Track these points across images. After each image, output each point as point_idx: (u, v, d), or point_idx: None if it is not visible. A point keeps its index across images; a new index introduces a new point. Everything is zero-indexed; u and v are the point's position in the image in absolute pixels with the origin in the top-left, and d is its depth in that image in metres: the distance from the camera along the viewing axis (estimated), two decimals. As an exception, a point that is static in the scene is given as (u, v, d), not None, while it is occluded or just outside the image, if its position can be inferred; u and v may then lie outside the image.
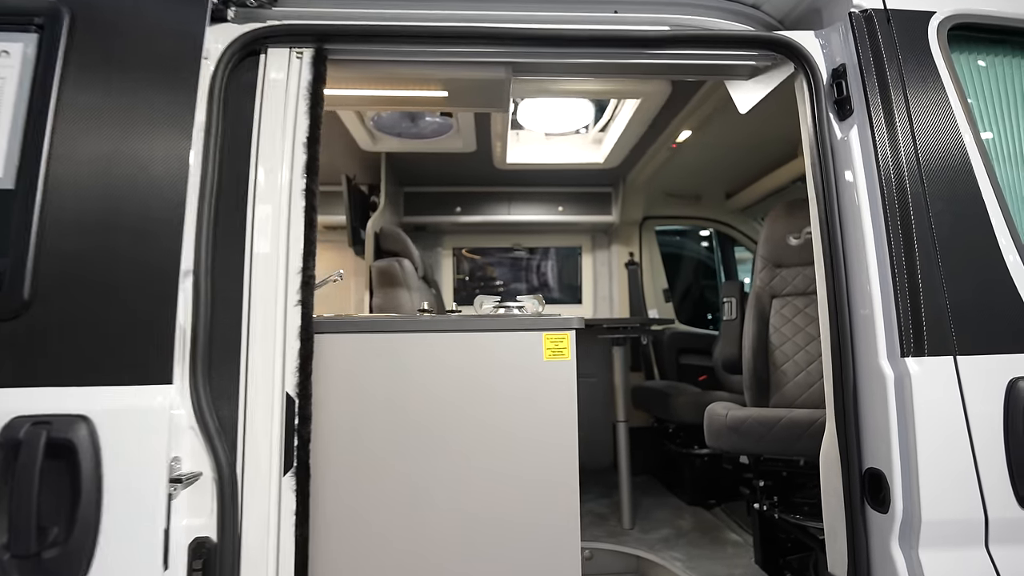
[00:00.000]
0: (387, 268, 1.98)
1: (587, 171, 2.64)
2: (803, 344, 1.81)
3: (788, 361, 1.81)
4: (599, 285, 3.17)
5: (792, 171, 2.23)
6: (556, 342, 1.01)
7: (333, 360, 1.00)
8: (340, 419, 0.98)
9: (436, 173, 2.69)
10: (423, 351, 1.00)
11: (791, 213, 1.95)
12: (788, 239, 1.95)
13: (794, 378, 1.78)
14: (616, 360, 2.12)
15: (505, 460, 1.00)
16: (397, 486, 0.98)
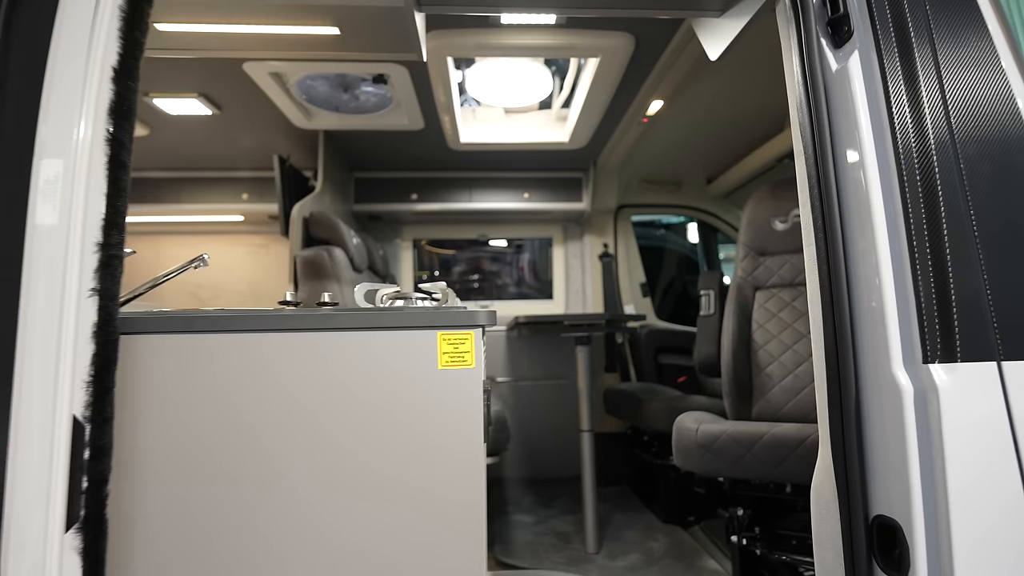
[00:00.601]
0: (313, 258, 1.71)
1: (553, 153, 2.38)
2: (790, 342, 1.57)
3: (773, 362, 1.57)
4: (571, 279, 2.93)
5: (778, 147, 1.99)
6: (455, 344, 0.76)
7: (147, 370, 0.73)
8: (155, 451, 0.72)
9: (387, 156, 2.42)
10: (273, 355, 0.74)
11: (777, 194, 1.72)
12: (773, 223, 1.71)
13: (780, 382, 1.55)
14: (580, 361, 1.87)
15: (386, 510, 0.74)
16: (235, 542, 0.72)
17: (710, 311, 1.76)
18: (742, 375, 1.58)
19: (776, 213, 1.71)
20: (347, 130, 2.10)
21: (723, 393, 1.61)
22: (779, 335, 1.60)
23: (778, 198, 1.72)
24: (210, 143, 2.26)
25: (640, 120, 1.95)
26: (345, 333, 0.75)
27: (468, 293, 3.00)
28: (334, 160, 2.28)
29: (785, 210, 1.70)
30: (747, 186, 2.46)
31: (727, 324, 1.65)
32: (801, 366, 1.53)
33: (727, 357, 1.60)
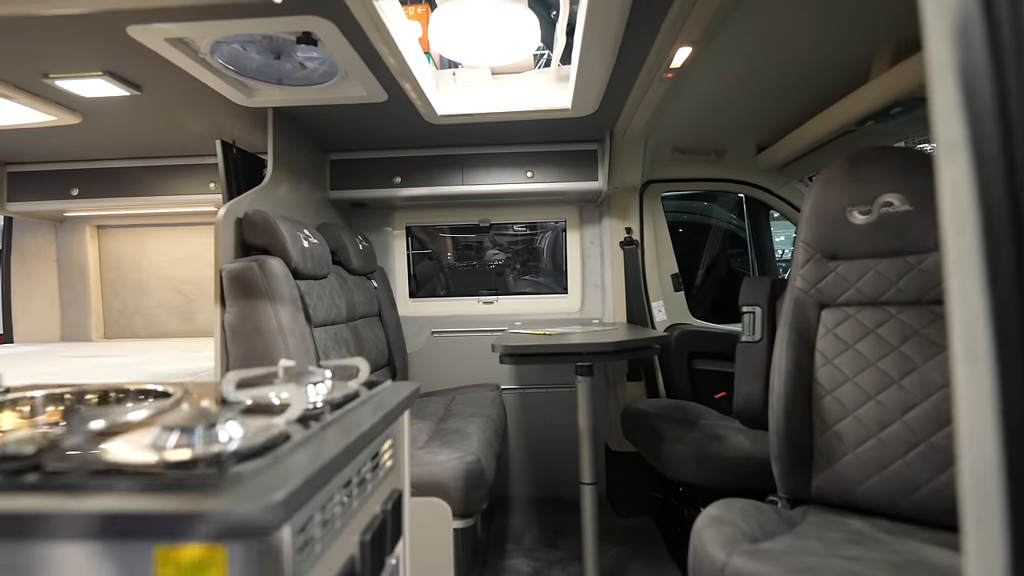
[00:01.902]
0: (240, 273, 1.38)
1: (558, 123, 1.92)
2: (874, 389, 1.11)
3: (846, 418, 1.12)
4: (589, 270, 2.49)
5: (858, 106, 1.44)
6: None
7: None
8: None
9: (359, 134, 2.04)
10: None
11: (856, 173, 1.21)
12: (850, 214, 1.22)
13: (856, 448, 1.10)
14: (580, 395, 1.47)
15: None
16: None
17: (755, 336, 1.30)
18: (798, 433, 1.14)
19: (855, 200, 1.20)
20: (300, 106, 1.73)
21: (771, 458, 1.17)
22: (856, 377, 1.14)
23: (858, 179, 1.21)
24: (151, 129, 1.96)
25: (664, 75, 1.45)
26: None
27: (468, 288, 2.63)
28: (296, 142, 1.93)
29: (869, 196, 1.19)
30: (809, 157, 1.90)
31: (779, 356, 1.20)
32: (890, 427, 1.07)
33: (778, 405, 1.16)
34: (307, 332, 1.46)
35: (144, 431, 0.52)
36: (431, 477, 1.35)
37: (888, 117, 1.36)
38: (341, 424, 0.63)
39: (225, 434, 0.52)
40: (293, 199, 1.87)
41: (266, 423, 0.57)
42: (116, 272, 2.66)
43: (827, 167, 1.28)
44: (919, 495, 1.02)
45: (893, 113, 1.33)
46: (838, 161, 1.26)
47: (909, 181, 1.15)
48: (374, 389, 0.84)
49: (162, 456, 0.46)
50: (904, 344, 1.11)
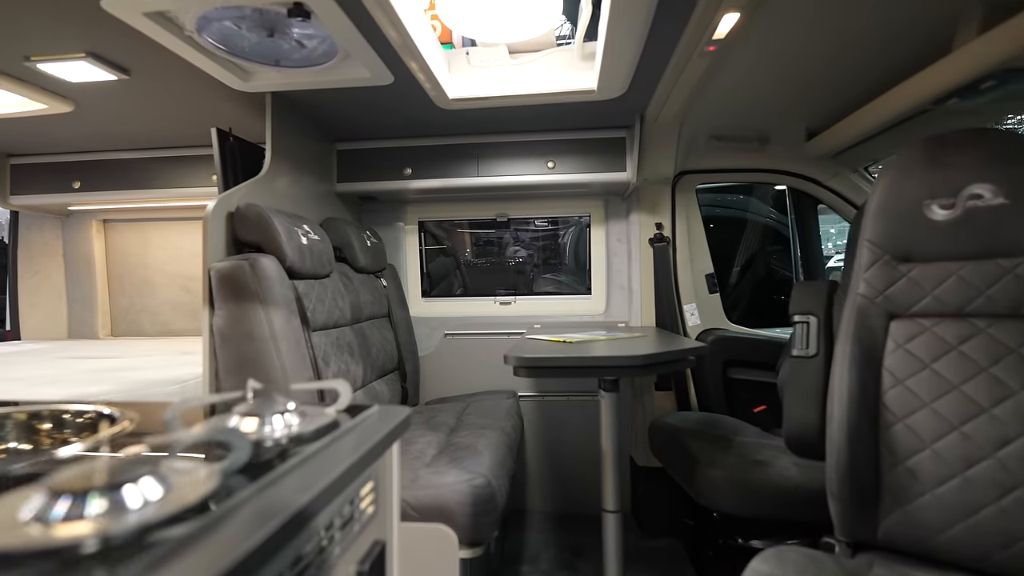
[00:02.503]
0: (230, 273, 1.26)
1: (583, 107, 1.74)
2: (957, 419, 0.91)
3: (923, 451, 0.93)
4: (615, 269, 2.31)
5: (939, 80, 1.22)
6: None
7: None
8: None
9: (366, 121, 1.91)
10: None
11: (937, 159, 1.01)
12: (929, 209, 1.02)
13: (935, 488, 0.90)
14: (604, 414, 1.31)
15: None
16: None
17: (809, 350, 1.11)
18: (863, 467, 0.95)
19: (934, 192, 1.00)
20: (301, 90, 1.60)
21: (828, 491, 0.99)
22: (934, 402, 0.94)
23: (940, 166, 1.01)
24: (147, 118, 1.88)
25: (705, 48, 1.26)
26: None
27: (484, 287, 2.48)
28: (299, 130, 1.81)
29: (952, 186, 0.99)
30: (869, 144, 1.66)
31: (840, 375, 1.01)
32: (979, 465, 0.88)
33: (839, 434, 0.97)
34: (303, 337, 1.34)
35: (27, 494, 0.39)
36: (436, 501, 1.21)
37: (977, 93, 1.14)
38: (305, 470, 0.49)
39: (137, 497, 0.38)
40: (294, 192, 1.75)
41: (200, 474, 0.43)
42: (123, 268, 2.61)
43: (900, 152, 1.07)
44: (1017, 549, 0.83)
45: (983, 88, 1.12)
46: (914, 145, 1.05)
47: (1004, 169, 0.95)
48: (357, 417, 0.69)
49: (39, 534, 0.33)
50: (996, 365, 0.91)
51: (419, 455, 1.43)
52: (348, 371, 1.58)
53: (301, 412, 0.65)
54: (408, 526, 1.21)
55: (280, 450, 0.53)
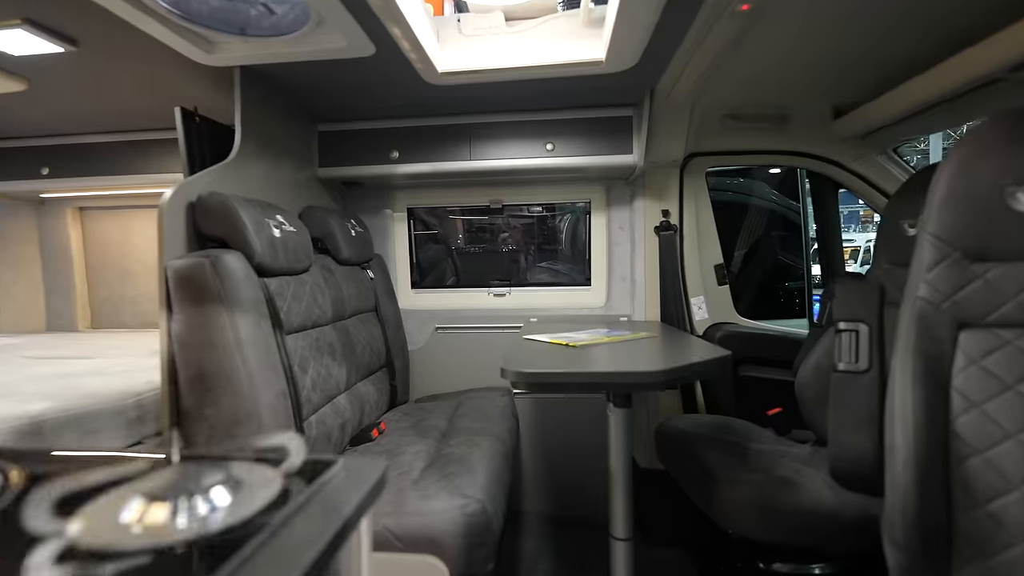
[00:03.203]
0: (188, 272, 1.10)
1: (587, 81, 1.57)
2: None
3: (1011, 493, 0.79)
4: (616, 259, 2.16)
5: (1009, 47, 1.05)
6: None
7: None
8: None
9: (347, 99, 1.72)
10: None
11: (1018, 136, 0.85)
12: (1012, 197, 0.86)
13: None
14: (613, 432, 1.17)
15: None
16: None
17: (858, 364, 0.97)
18: (933, 511, 0.82)
19: (1020, 176, 0.84)
20: (273, 64, 1.42)
21: (885, 538, 0.86)
22: (1021, 434, 0.80)
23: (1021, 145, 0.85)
24: (109, 97, 1.69)
25: (738, 7, 1.08)
26: None
27: (477, 277, 2.33)
28: (273, 109, 1.62)
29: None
30: (912, 121, 1.50)
31: (900, 396, 0.86)
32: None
33: (904, 470, 0.83)
34: (274, 343, 1.19)
35: None
36: (424, 531, 1.08)
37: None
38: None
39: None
40: (269, 178, 1.58)
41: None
42: (101, 258, 2.44)
43: (975, 129, 0.91)
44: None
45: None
46: (994, 120, 0.89)
47: None
48: (316, 481, 0.54)
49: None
50: None
51: (407, 469, 1.30)
52: (330, 375, 1.43)
53: (235, 482, 0.50)
54: (392, 558, 1.08)
55: (199, 551, 0.39)
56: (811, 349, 1.58)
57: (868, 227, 11.43)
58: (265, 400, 1.10)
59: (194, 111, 1.45)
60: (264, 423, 1.09)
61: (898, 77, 1.43)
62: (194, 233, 1.21)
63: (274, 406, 1.11)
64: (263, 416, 1.09)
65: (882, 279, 1.40)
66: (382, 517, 1.10)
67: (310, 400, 1.29)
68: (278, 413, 1.12)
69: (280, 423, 1.12)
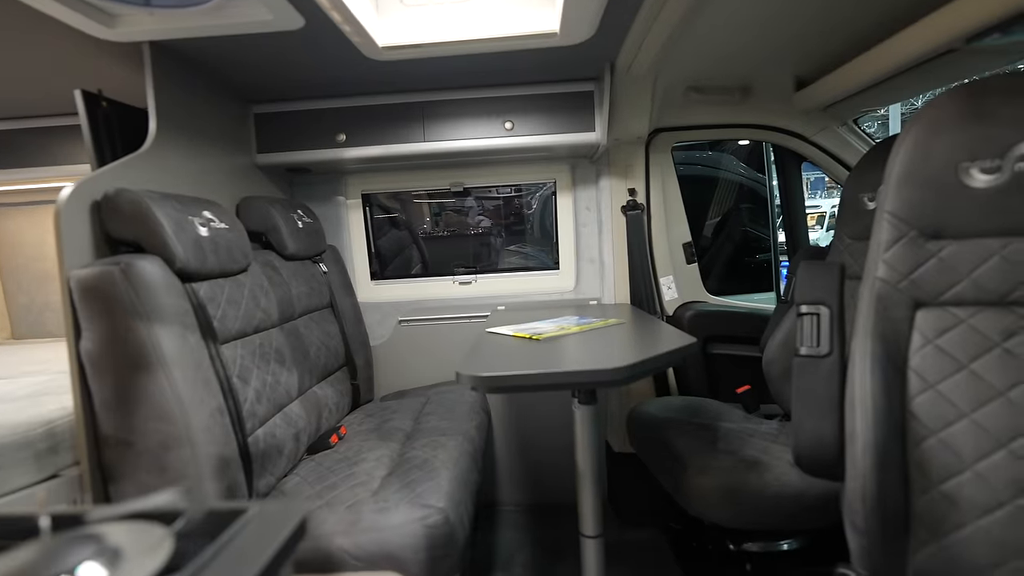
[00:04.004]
0: (95, 282, 0.97)
1: (544, 54, 1.46)
2: (1009, 433, 0.76)
3: (964, 472, 0.77)
4: (584, 241, 2.09)
5: (972, 12, 1.00)
6: None
7: None
8: None
9: (283, 79, 1.57)
10: None
11: (978, 110, 0.81)
12: (967, 173, 0.83)
13: (981, 519, 0.76)
14: (579, 430, 1.12)
15: None
16: None
17: (819, 348, 0.94)
18: (891, 494, 0.79)
19: (975, 152, 0.81)
20: (188, 39, 1.26)
21: (846, 522, 0.84)
22: (975, 413, 0.79)
23: (982, 119, 0.81)
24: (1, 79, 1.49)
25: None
26: None
27: (441, 266, 2.23)
28: (196, 90, 1.46)
29: (998, 145, 0.80)
30: (872, 92, 1.46)
31: (860, 379, 0.83)
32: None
33: (864, 456, 0.80)
34: (206, 356, 1.07)
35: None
36: (382, 547, 1.01)
37: (1022, 26, 0.94)
38: None
39: None
40: (196, 168, 1.43)
41: None
42: (16, 260, 2.22)
43: (931, 103, 0.87)
44: (1084, 595, 0.69)
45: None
46: (947, 94, 0.85)
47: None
48: (220, 539, 0.46)
49: None
50: None
51: (366, 479, 1.22)
52: (278, 383, 1.33)
53: (111, 553, 0.41)
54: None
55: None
56: (777, 325, 1.56)
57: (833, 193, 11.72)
58: (198, 420, 0.99)
59: (99, 94, 1.28)
60: (199, 446, 0.98)
61: (857, 48, 1.38)
62: (102, 236, 1.07)
63: (209, 426, 1.01)
64: (197, 438, 0.99)
65: (844, 254, 1.38)
66: (335, 536, 1.02)
67: (254, 413, 1.19)
68: (214, 432, 1.02)
69: (218, 443, 1.02)
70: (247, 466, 1.12)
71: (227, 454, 1.04)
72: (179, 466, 0.97)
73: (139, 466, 0.98)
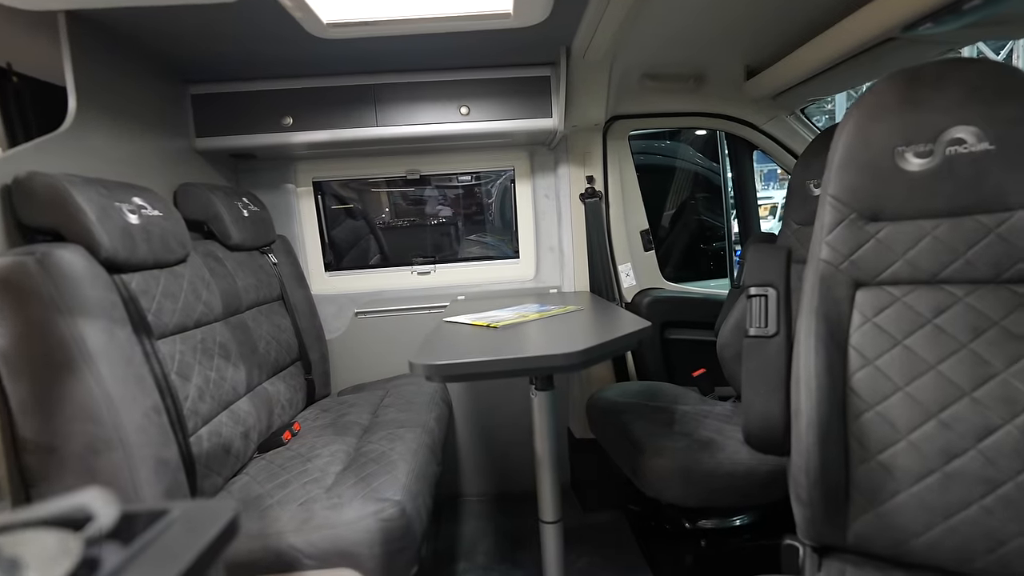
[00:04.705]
0: (7, 274, 0.89)
1: (498, 36, 1.43)
2: (938, 404, 0.80)
3: (898, 443, 0.82)
4: (543, 230, 2.09)
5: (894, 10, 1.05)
6: None
7: None
8: None
9: (222, 57, 1.47)
10: None
11: (913, 97, 0.85)
12: (902, 157, 0.86)
13: (913, 486, 0.80)
14: (537, 416, 1.11)
15: None
16: None
17: (767, 329, 0.96)
18: (832, 469, 0.83)
19: (909, 137, 0.85)
20: (109, 9, 1.15)
21: (792, 496, 0.87)
22: (908, 386, 0.82)
23: (915, 105, 0.84)
24: None
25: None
26: None
27: (399, 256, 2.18)
28: (122, 66, 1.35)
29: (930, 130, 0.84)
30: (818, 81, 1.51)
31: (805, 358, 0.86)
32: (961, 459, 0.78)
33: (808, 432, 0.83)
34: (139, 352, 1.00)
35: None
36: (336, 544, 0.97)
37: (956, 16, 0.98)
38: None
39: None
40: (125, 152, 1.32)
41: None
42: None
43: (870, 90, 0.90)
44: (1004, 552, 0.74)
45: (967, 8, 0.95)
46: (884, 81, 0.88)
47: (990, 108, 0.80)
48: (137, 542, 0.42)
49: None
50: (976, 340, 0.80)
51: (319, 475, 1.18)
52: (223, 379, 1.26)
53: (9, 565, 0.36)
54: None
55: None
56: (730, 310, 1.61)
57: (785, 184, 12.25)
58: (131, 420, 0.93)
59: (8, 68, 1.16)
60: (132, 447, 0.92)
61: (803, 37, 1.42)
62: (14, 224, 0.98)
63: (143, 426, 0.94)
64: (129, 439, 0.92)
65: (792, 239, 1.43)
66: (287, 535, 0.98)
67: (197, 412, 1.12)
68: (150, 433, 0.95)
69: (155, 444, 0.96)
70: (189, 467, 1.05)
71: (165, 455, 0.97)
72: (111, 470, 0.90)
73: (65, 471, 0.91)
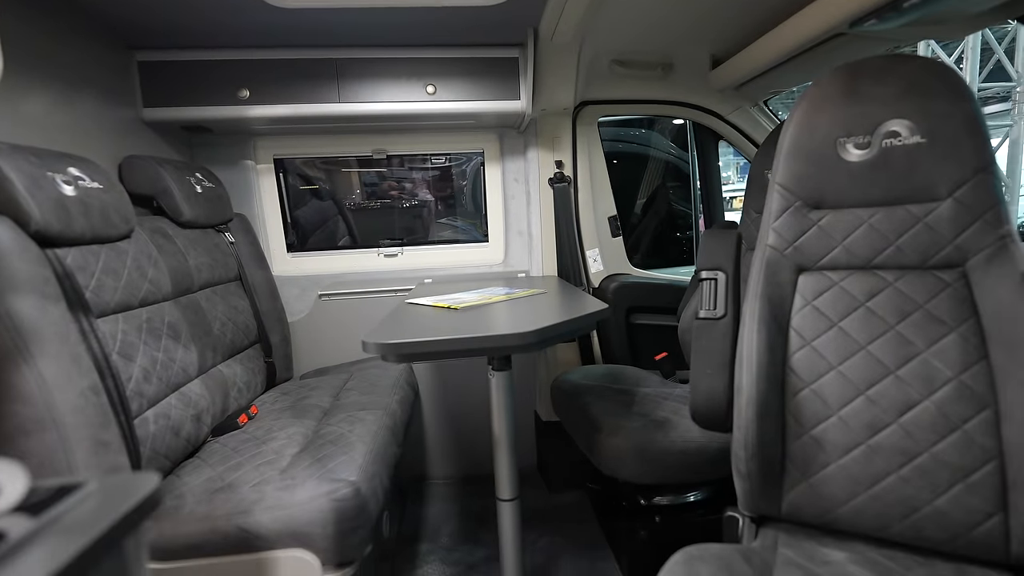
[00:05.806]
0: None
1: (465, 14, 1.40)
2: (867, 382, 0.84)
3: (830, 418, 0.86)
4: (513, 213, 2.08)
5: (840, 6, 1.07)
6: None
7: None
8: None
9: (171, 22, 1.39)
10: None
11: (855, 90, 0.87)
12: (843, 148, 0.89)
13: (841, 458, 0.84)
14: (495, 397, 1.12)
15: None
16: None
17: (715, 311, 0.99)
18: (770, 443, 0.86)
19: (850, 129, 0.88)
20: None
21: (733, 470, 0.90)
22: (841, 365, 0.86)
23: (856, 98, 0.87)
24: None
25: None
26: None
27: (366, 237, 2.14)
28: (58, 27, 1.27)
29: (869, 122, 0.87)
30: (778, 73, 1.53)
31: (748, 339, 0.89)
32: (883, 432, 0.82)
33: (748, 409, 0.86)
34: (75, 330, 0.95)
35: None
36: (288, 525, 0.96)
37: (899, 14, 1.01)
38: None
39: None
40: (59, 119, 1.24)
41: None
42: None
43: (816, 82, 0.92)
44: (917, 518, 0.79)
45: (907, 6, 0.98)
46: (829, 75, 0.91)
47: (922, 103, 0.84)
48: (46, 514, 0.40)
49: None
50: (902, 322, 0.85)
51: (274, 458, 1.16)
52: (172, 360, 1.22)
53: None
54: (253, 558, 0.96)
55: None
56: (692, 295, 1.65)
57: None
58: (65, 400, 0.89)
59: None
60: (67, 428, 0.88)
61: (764, 29, 1.44)
62: (-68, 193, 0.91)
63: (80, 406, 0.90)
64: (64, 420, 0.88)
65: (751, 227, 1.47)
66: (234, 516, 0.96)
67: (141, 393, 1.08)
68: (87, 414, 0.91)
69: (93, 425, 0.92)
70: (133, 449, 1.02)
71: (105, 437, 0.94)
72: (43, 451, 0.87)
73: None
